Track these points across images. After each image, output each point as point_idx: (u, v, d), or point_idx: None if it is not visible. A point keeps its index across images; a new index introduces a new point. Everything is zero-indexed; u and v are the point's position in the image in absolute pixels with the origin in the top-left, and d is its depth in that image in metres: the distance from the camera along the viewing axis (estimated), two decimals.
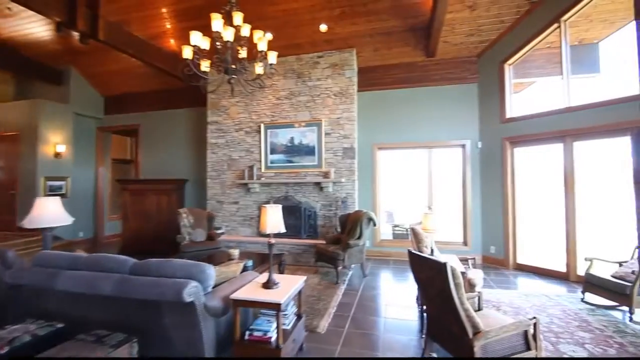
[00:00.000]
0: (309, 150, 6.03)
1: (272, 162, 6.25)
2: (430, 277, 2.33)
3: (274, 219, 2.49)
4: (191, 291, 2.13)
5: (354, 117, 5.88)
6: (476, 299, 2.68)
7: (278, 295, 2.38)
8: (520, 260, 5.26)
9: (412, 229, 3.98)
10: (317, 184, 5.94)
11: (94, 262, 2.50)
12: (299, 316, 2.82)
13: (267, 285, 2.49)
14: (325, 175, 5.90)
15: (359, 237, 4.80)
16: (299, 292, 2.81)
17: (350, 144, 5.87)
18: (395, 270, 5.34)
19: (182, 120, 7.55)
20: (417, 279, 2.62)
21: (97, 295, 2.28)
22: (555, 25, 4.77)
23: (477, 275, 3.58)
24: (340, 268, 4.63)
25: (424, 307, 2.94)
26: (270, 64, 3.95)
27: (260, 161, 6.30)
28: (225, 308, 2.39)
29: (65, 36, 6.48)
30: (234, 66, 3.73)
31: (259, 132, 6.30)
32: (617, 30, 5.17)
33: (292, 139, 6.13)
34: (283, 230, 2.54)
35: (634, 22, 4.43)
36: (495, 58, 5.60)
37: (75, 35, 5.79)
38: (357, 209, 5.84)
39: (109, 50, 6.34)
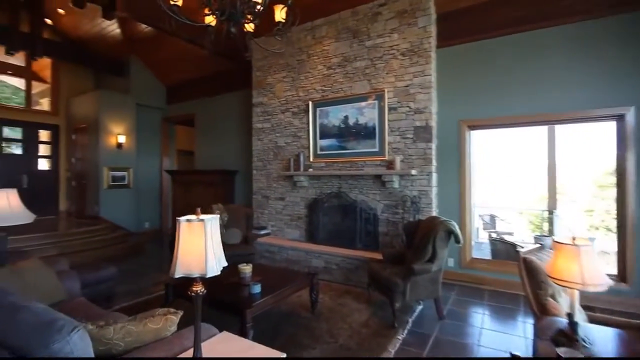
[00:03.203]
0: (367, 133, 4.52)
1: (322, 149, 4.93)
2: None
3: (196, 249, 1.16)
4: None
5: (430, 83, 4.13)
6: None
7: None
8: None
9: (525, 261, 2.19)
10: (378, 177, 4.40)
11: None
12: None
13: None
14: (389, 165, 4.32)
15: (431, 260, 3.13)
16: None
17: (425, 122, 4.15)
18: (492, 309, 3.49)
19: (232, 105, 6.80)
20: None
21: None
22: None
23: None
24: (398, 305, 3.07)
25: None
26: (289, 2, 2.77)
27: (308, 148, 5.05)
28: None
29: (124, 25, 6.34)
30: (233, 11, 2.64)
31: (307, 112, 5.03)
32: None
33: (345, 118, 4.69)
34: (218, 269, 1.19)
35: None
36: None
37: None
38: (434, 213, 4.12)
39: (162, 35, 5.96)
